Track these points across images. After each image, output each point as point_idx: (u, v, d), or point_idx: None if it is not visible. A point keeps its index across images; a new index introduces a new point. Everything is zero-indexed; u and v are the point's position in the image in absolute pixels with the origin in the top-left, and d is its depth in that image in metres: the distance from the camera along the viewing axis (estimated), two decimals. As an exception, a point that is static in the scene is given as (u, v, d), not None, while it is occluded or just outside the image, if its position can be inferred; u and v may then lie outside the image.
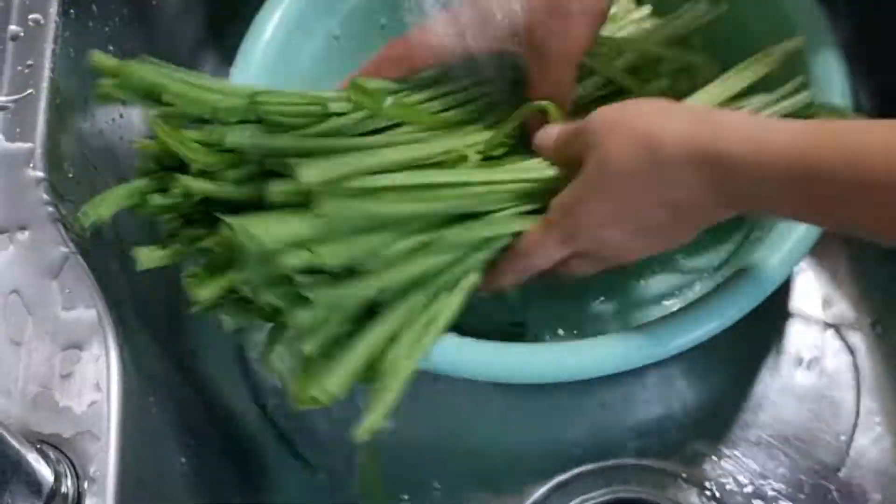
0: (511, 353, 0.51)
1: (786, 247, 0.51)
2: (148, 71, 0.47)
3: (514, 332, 0.60)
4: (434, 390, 0.62)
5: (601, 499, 0.57)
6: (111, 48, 0.57)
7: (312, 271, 0.44)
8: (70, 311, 0.45)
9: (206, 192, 0.47)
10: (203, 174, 0.47)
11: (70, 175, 0.50)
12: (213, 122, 0.48)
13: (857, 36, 0.64)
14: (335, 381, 0.43)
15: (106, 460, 0.41)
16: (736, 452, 0.60)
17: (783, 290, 0.63)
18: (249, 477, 0.61)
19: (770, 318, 0.65)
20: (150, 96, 0.48)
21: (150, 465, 0.47)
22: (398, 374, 0.45)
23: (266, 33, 0.62)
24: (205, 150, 0.48)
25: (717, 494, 0.58)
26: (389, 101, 0.52)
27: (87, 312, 0.45)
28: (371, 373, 0.45)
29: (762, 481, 0.59)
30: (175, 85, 0.48)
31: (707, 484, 0.59)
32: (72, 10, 0.53)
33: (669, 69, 0.60)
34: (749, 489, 0.59)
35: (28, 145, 0.48)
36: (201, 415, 0.58)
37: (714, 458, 0.60)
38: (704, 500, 0.58)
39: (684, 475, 0.59)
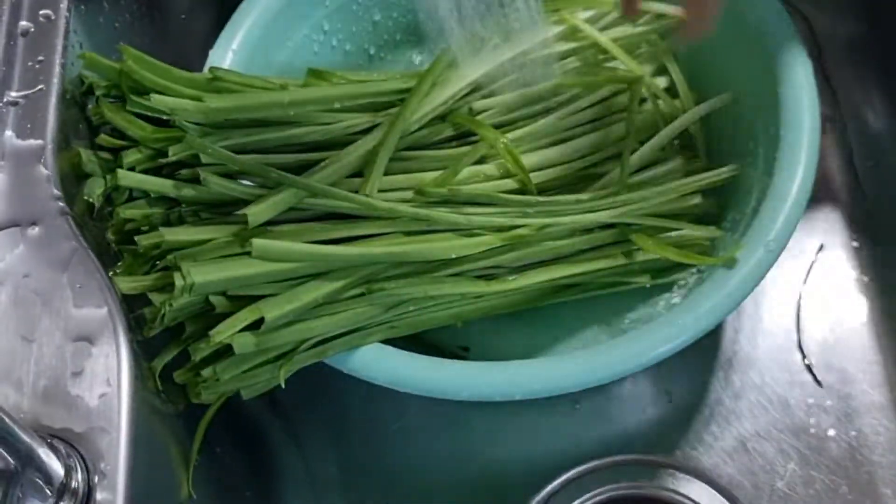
0: (478, 371, 0.51)
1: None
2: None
3: (459, 355, 0.60)
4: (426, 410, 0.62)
5: (605, 496, 0.57)
6: (121, 44, 0.57)
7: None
8: (81, 306, 0.45)
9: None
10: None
11: (81, 170, 0.50)
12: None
13: (868, 32, 0.64)
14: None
15: (116, 455, 0.42)
16: (748, 447, 0.60)
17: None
18: (260, 471, 0.61)
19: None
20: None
21: (160, 459, 0.48)
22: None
23: (249, 19, 0.62)
24: (150, 128, 0.49)
25: (728, 489, 0.58)
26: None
27: (98, 307, 0.45)
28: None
29: (772, 476, 0.59)
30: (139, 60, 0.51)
31: (717, 479, 0.58)
32: (82, 6, 0.53)
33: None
34: (759, 484, 0.59)
35: (39, 141, 0.48)
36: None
37: (723, 453, 0.60)
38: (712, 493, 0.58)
39: (692, 470, 0.59)
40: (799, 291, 0.66)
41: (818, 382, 0.62)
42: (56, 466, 0.40)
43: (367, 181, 0.51)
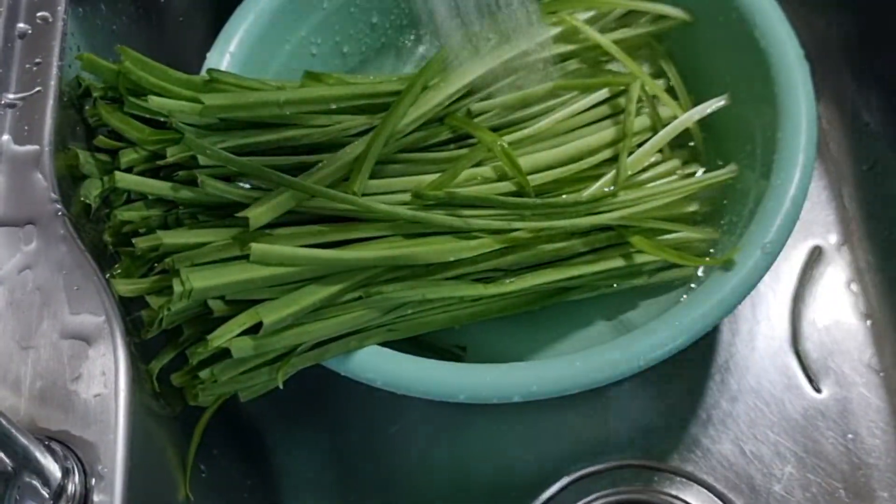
0: (478, 373, 0.51)
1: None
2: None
3: (456, 354, 0.59)
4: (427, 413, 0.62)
5: (603, 500, 0.57)
6: (119, 46, 0.57)
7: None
8: (78, 308, 0.45)
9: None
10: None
11: (78, 172, 0.50)
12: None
13: (865, 33, 0.64)
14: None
15: (113, 457, 0.42)
16: (745, 451, 0.60)
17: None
18: (257, 473, 0.61)
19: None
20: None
21: (157, 461, 0.47)
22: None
23: (246, 21, 0.61)
24: (148, 129, 0.49)
25: (726, 493, 0.58)
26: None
27: (96, 310, 0.45)
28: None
29: (769, 480, 0.59)
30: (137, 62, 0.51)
31: (714, 483, 0.58)
32: (80, 9, 0.53)
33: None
34: (756, 487, 0.59)
35: (35, 144, 0.48)
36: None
37: (720, 457, 0.60)
38: (710, 497, 0.58)
39: (689, 475, 0.59)
40: (795, 294, 0.66)
41: (815, 385, 0.62)
42: (53, 468, 0.40)
43: (352, 181, 0.51)
